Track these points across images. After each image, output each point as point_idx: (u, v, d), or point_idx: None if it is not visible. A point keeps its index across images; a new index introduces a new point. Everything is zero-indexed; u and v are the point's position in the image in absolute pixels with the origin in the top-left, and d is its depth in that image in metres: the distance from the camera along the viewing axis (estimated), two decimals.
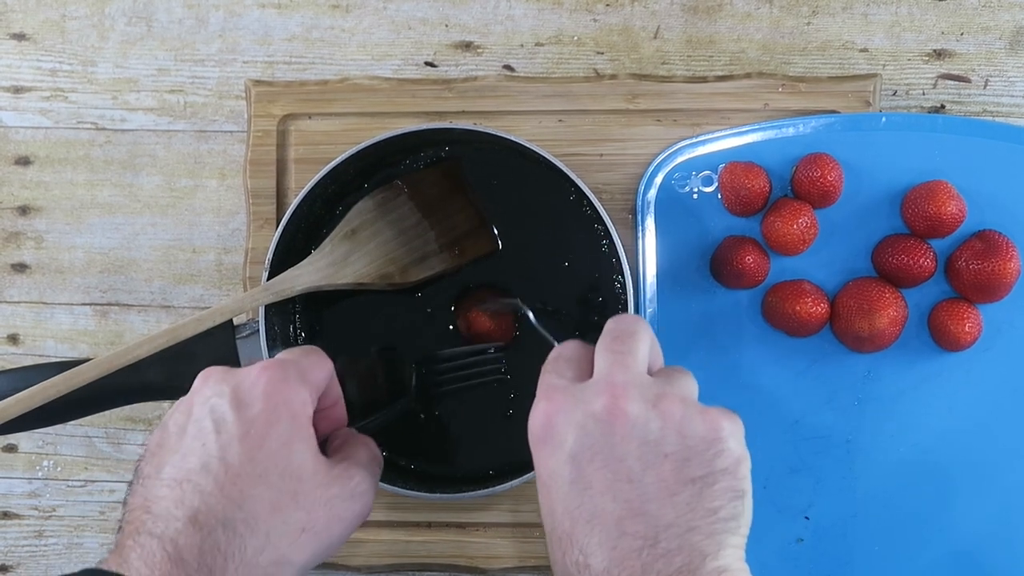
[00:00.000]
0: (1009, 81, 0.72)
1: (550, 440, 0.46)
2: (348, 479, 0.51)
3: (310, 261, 0.64)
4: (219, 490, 0.46)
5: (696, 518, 0.43)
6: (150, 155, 0.75)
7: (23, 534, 0.76)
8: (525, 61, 0.74)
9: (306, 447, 0.49)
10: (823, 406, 0.67)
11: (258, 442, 0.48)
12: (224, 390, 0.49)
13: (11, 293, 0.76)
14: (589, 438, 0.45)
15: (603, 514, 0.44)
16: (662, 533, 0.43)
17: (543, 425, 0.47)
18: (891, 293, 0.65)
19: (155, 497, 0.47)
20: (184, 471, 0.47)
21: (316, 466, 0.49)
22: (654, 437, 0.45)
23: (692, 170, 0.69)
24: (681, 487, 0.44)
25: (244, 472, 0.47)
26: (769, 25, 0.73)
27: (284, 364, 0.51)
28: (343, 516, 0.50)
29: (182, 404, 0.51)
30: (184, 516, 0.45)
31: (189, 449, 0.48)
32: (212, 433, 0.48)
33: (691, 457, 0.45)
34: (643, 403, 0.46)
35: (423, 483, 0.66)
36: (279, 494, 0.47)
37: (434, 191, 0.67)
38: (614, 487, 0.44)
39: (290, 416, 0.49)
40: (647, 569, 0.42)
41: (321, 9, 0.75)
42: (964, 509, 0.67)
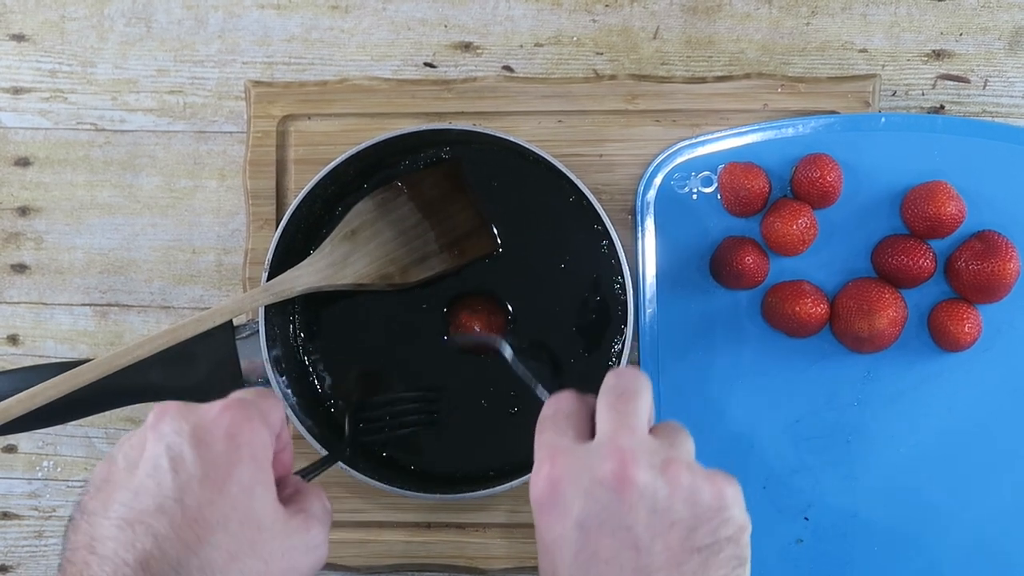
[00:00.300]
0: (1008, 81, 0.72)
1: (556, 506, 0.45)
2: (306, 531, 0.48)
3: (310, 262, 0.64)
4: (175, 534, 0.43)
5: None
6: (150, 156, 0.75)
7: (23, 534, 0.76)
8: (524, 62, 0.74)
9: (267, 493, 0.47)
10: (823, 406, 0.67)
11: (219, 485, 0.45)
12: (183, 427, 0.46)
13: (11, 294, 0.76)
14: (597, 505, 0.44)
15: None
16: None
17: (548, 490, 0.46)
18: (891, 294, 0.65)
19: (102, 537, 0.44)
20: (136, 511, 0.44)
21: (276, 515, 0.47)
22: (662, 506, 0.44)
23: (691, 171, 0.69)
24: (687, 556, 0.43)
25: (202, 517, 0.44)
26: (768, 25, 0.73)
27: (246, 404, 0.48)
28: (299, 568, 0.48)
29: (133, 438, 0.47)
30: (134, 560, 0.42)
31: (142, 487, 0.44)
32: (169, 472, 0.44)
33: (698, 526, 0.44)
34: (651, 470, 0.45)
35: (423, 483, 0.66)
36: (238, 542, 0.45)
37: (434, 192, 0.67)
38: (621, 556, 0.44)
39: (252, 459, 0.46)
40: None
41: (320, 10, 0.75)
42: (964, 509, 0.67)
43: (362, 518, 0.71)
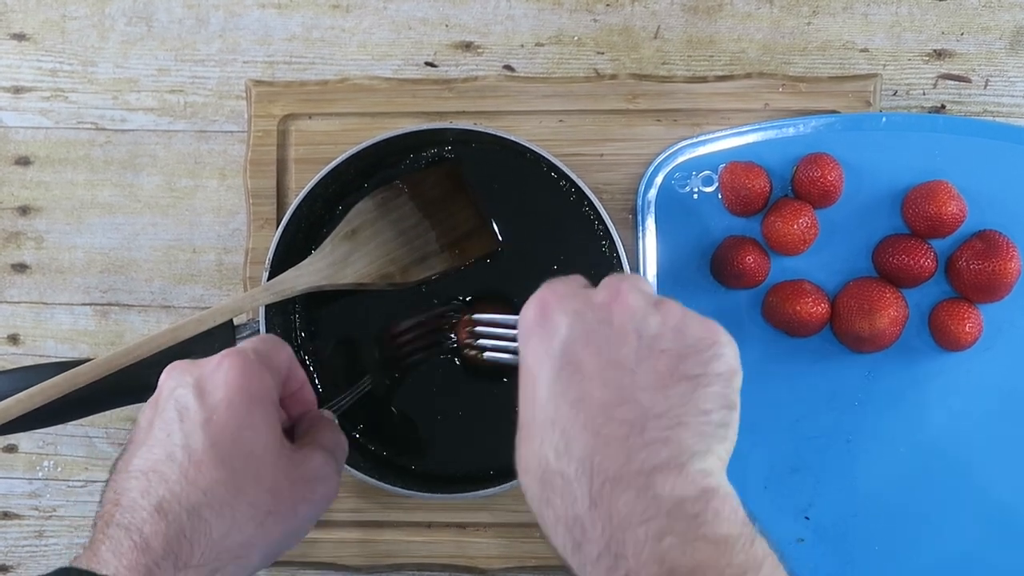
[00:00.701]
0: (1009, 81, 0.72)
1: (543, 326, 0.45)
2: (310, 460, 0.51)
3: (311, 261, 0.64)
4: (183, 477, 0.47)
5: (687, 414, 0.42)
6: (150, 155, 0.75)
7: (23, 534, 0.76)
8: (525, 61, 0.74)
9: (268, 430, 0.50)
10: (823, 406, 0.67)
11: (220, 428, 0.48)
12: (187, 380, 0.50)
13: (11, 293, 0.76)
14: (585, 324, 0.44)
15: (591, 398, 0.42)
16: (651, 423, 0.41)
17: (537, 313, 0.45)
18: (891, 293, 0.65)
19: (123, 489, 0.48)
20: (150, 462, 0.48)
21: (279, 449, 0.50)
22: (652, 332, 0.43)
23: (692, 170, 0.69)
24: (675, 382, 0.42)
25: (207, 458, 0.47)
26: (769, 25, 0.73)
27: (244, 351, 0.51)
28: (308, 498, 0.51)
29: (151, 400, 0.52)
30: (150, 505, 0.46)
31: (155, 440, 0.49)
32: (176, 422, 0.49)
33: (688, 355, 0.43)
34: (644, 300, 0.45)
35: (423, 483, 0.66)
36: (242, 478, 0.48)
37: (435, 191, 0.67)
38: (605, 372, 0.43)
39: (251, 400, 0.49)
40: (631, 457, 0.41)
41: (321, 9, 0.75)
42: (964, 509, 0.67)
43: (362, 518, 0.71)
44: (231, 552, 0.47)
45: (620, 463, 0.41)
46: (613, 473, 0.41)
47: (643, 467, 0.40)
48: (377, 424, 0.69)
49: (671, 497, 0.40)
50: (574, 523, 0.41)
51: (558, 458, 0.42)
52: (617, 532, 0.40)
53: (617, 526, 0.40)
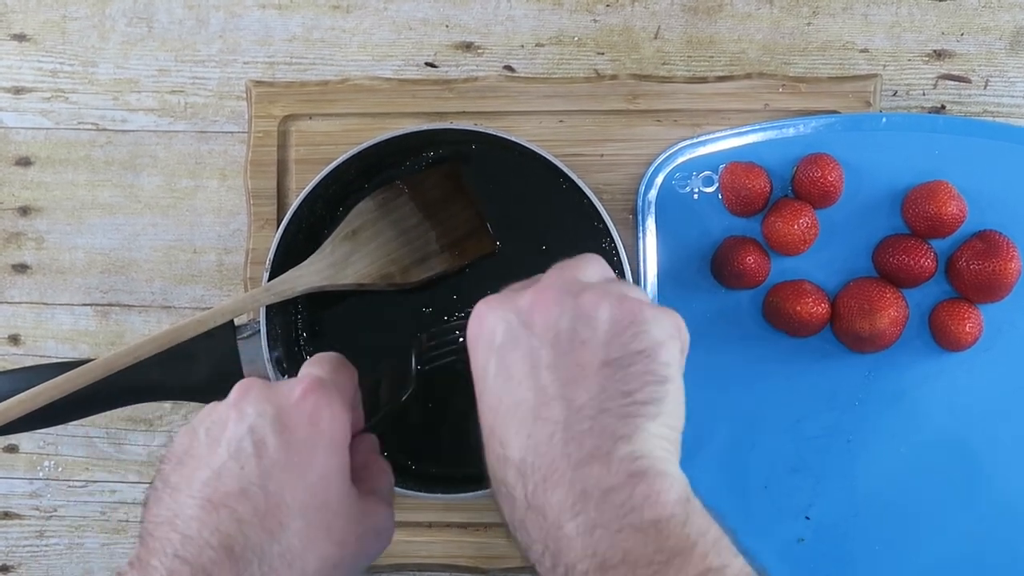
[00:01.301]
0: (1009, 81, 0.72)
1: (481, 337, 0.46)
2: (376, 515, 0.50)
3: (311, 261, 0.64)
4: (258, 520, 0.44)
5: (607, 399, 0.42)
6: (151, 156, 0.75)
7: (24, 534, 0.76)
8: (525, 61, 0.74)
9: (343, 480, 0.48)
10: (824, 406, 0.67)
11: (301, 472, 0.46)
12: (266, 410, 0.47)
13: (12, 293, 0.76)
14: (512, 331, 0.44)
15: (521, 403, 0.43)
16: (574, 416, 0.42)
17: (476, 325, 0.46)
18: (892, 293, 0.65)
19: (186, 516, 0.45)
20: (221, 493, 0.45)
21: (351, 501, 0.48)
22: (569, 325, 0.44)
23: (693, 170, 0.69)
24: (595, 370, 0.42)
25: (284, 503, 0.45)
26: (769, 25, 0.73)
27: (326, 386, 0.49)
28: (369, 552, 0.49)
29: (215, 412, 0.49)
30: (219, 544, 0.43)
31: (225, 469, 0.46)
32: (253, 457, 0.46)
33: (608, 341, 0.43)
34: (565, 295, 0.45)
35: (423, 483, 0.66)
36: (316, 529, 0.46)
37: (435, 192, 0.67)
38: (532, 375, 0.43)
39: (332, 444, 0.47)
40: (559, 454, 0.41)
41: (322, 10, 0.75)
42: (964, 509, 0.67)
43: None
44: None
45: (549, 462, 0.41)
46: (543, 473, 0.41)
47: (570, 462, 0.41)
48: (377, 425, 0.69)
49: (597, 488, 0.40)
50: (520, 527, 0.42)
51: (500, 466, 0.43)
52: (552, 530, 0.40)
53: (551, 524, 0.40)
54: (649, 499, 0.39)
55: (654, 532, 0.39)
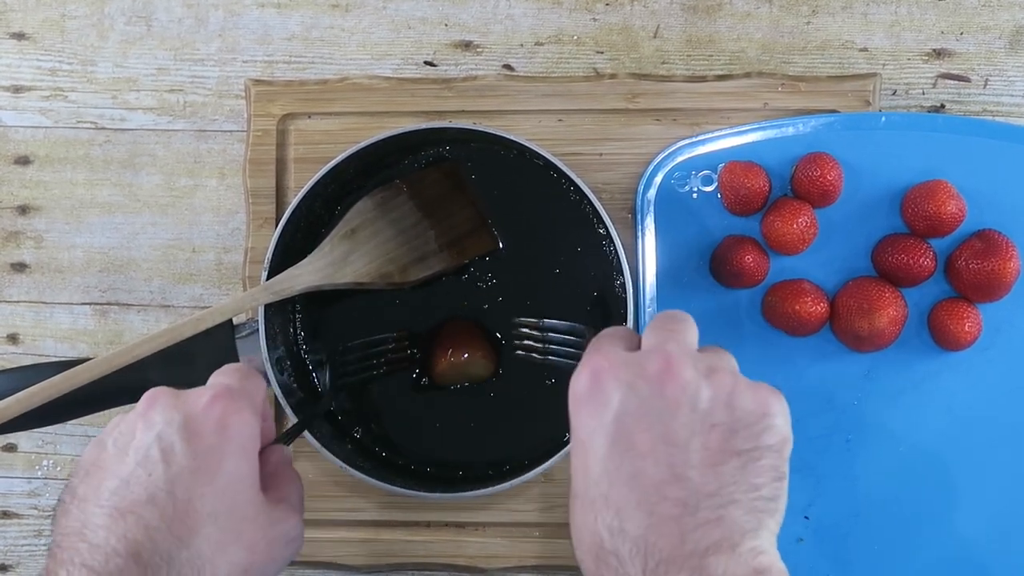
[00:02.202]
0: (1009, 80, 0.72)
1: (595, 398, 0.44)
2: (286, 523, 0.49)
3: (310, 261, 0.64)
4: (166, 526, 0.44)
5: (738, 492, 0.42)
6: (150, 154, 0.75)
7: (23, 533, 0.76)
8: (525, 60, 0.74)
9: (253, 485, 0.48)
10: (823, 405, 0.67)
11: (209, 478, 0.46)
12: (174, 417, 0.47)
13: (11, 292, 0.76)
14: (637, 399, 0.43)
15: (644, 477, 0.42)
16: (703, 502, 0.41)
17: (589, 382, 0.45)
18: (891, 292, 0.65)
19: (93, 525, 0.44)
20: (128, 501, 0.45)
21: (260, 506, 0.48)
22: (704, 406, 0.43)
23: (692, 169, 0.69)
24: (726, 458, 0.42)
25: (192, 509, 0.45)
26: (769, 24, 0.73)
27: (233, 392, 0.49)
28: (278, 558, 0.49)
29: (122, 424, 0.48)
30: (126, 551, 0.43)
31: (133, 477, 0.46)
32: (160, 463, 0.46)
33: (739, 430, 0.43)
34: (695, 372, 0.44)
35: (423, 483, 0.66)
36: (226, 534, 0.46)
37: (434, 191, 0.67)
38: (657, 450, 0.42)
39: (242, 449, 0.47)
40: (685, 538, 0.41)
41: (321, 8, 0.75)
42: (964, 509, 0.67)
43: (362, 517, 0.71)
44: None
45: (674, 544, 0.41)
46: (667, 554, 0.41)
47: (696, 548, 0.41)
48: (377, 424, 0.69)
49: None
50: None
51: (612, 537, 0.42)
52: None
53: None
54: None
55: None
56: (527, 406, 0.67)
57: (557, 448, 0.64)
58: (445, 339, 0.67)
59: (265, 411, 0.52)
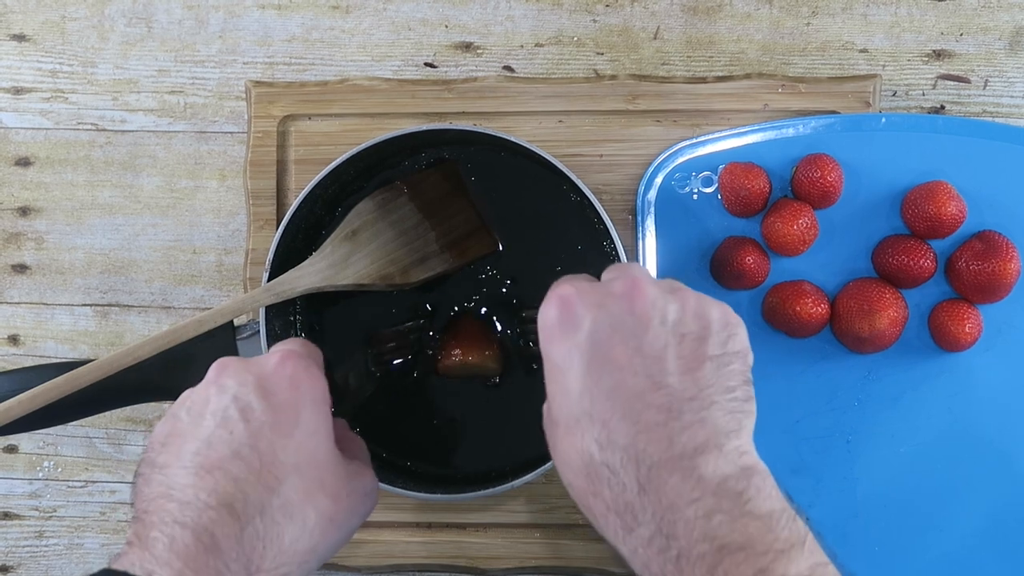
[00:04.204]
0: (1009, 81, 0.72)
1: (566, 322, 0.46)
2: (363, 476, 0.51)
3: (311, 262, 0.64)
4: (254, 477, 0.45)
5: (716, 394, 0.44)
6: (150, 156, 0.75)
7: (24, 535, 0.76)
8: (525, 62, 0.74)
9: (329, 438, 0.49)
10: (823, 406, 0.67)
11: (288, 430, 0.47)
12: (247, 379, 0.48)
13: (11, 294, 0.76)
14: (608, 316, 0.45)
15: (624, 387, 0.43)
16: (685, 406, 0.43)
17: (558, 309, 0.46)
18: (891, 294, 0.65)
19: (180, 485, 0.45)
20: (213, 459, 0.46)
21: (338, 459, 0.50)
22: (672, 318, 0.45)
23: (692, 171, 0.69)
24: (700, 364, 0.44)
25: (277, 460, 0.46)
26: (769, 25, 0.73)
27: (300, 354, 0.50)
28: (359, 511, 0.51)
29: (193, 393, 0.50)
30: (218, 503, 0.44)
31: (215, 436, 0.46)
32: (240, 422, 0.47)
33: (707, 337, 0.45)
34: (659, 289, 0.46)
35: (423, 483, 0.66)
36: (310, 482, 0.47)
37: (435, 192, 0.67)
38: (635, 362, 0.44)
39: (315, 403, 0.49)
40: (673, 441, 0.42)
41: (321, 10, 0.75)
42: (964, 509, 0.67)
43: None
44: (299, 557, 0.46)
45: (663, 448, 0.42)
46: (657, 458, 0.42)
47: (685, 450, 0.42)
48: (378, 425, 0.69)
49: (715, 476, 0.41)
50: (625, 510, 0.42)
51: (601, 450, 0.43)
52: (667, 514, 0.41)
53: (667, 508, 0.41)
54: (762, 492, 0.42)
55: (771, 522, 0.41)
56: (529, 407, 0.67)
57: None
58: (452, 335, 0.67)
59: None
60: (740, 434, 0.44)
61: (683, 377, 0.44)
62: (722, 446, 0.42)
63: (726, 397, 0.44)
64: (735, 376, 0.45)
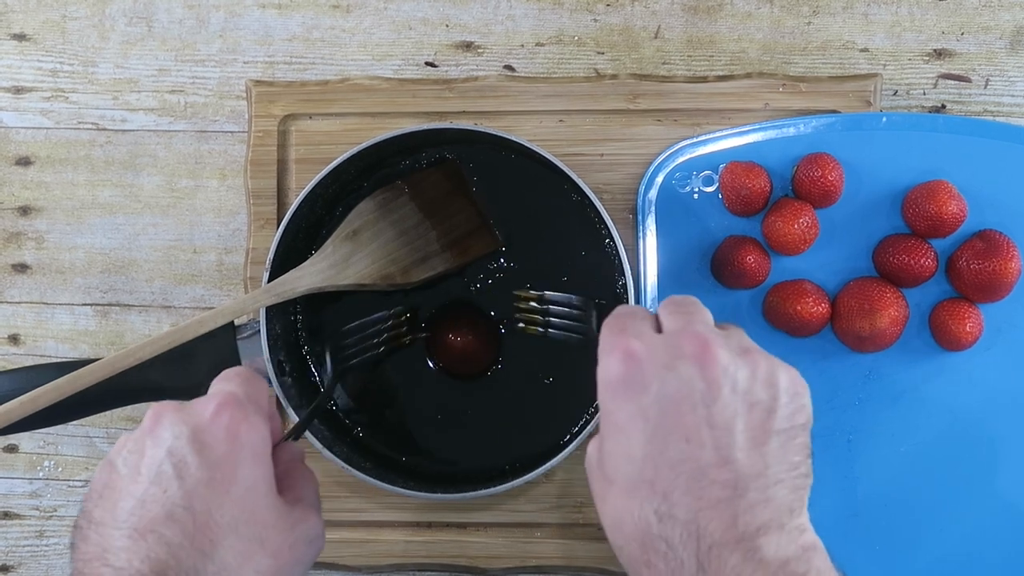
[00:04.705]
0: (1009, 81, 0.72)
1: (633, 381, 0.44)
2: (306, 522, 0.49)
3: (312, 262, 0.64)
4: (188, 541, 0.44)
5: (782, 471, 0.42)
6: (151, 155, 0.75)
7: (24, 534, 0.76)
8: (526, 61, 0.74)
9: (270, 490, 0.47)
10: (824, 406, 0.67)
11: (224, 488, 0.45)
12: (182, 431, 0.46)
13: (12, 293, 0.76)
14: (678, 381, 0.43)
15: (691, 460, 0.42)
16: (751, 483, 0.42)
17: (625, 366, 0.44)
18: (892, 293, 0.65)
19: (114, 548, 0.44)
20: (146, 520, 0.44)
21: (279, 511, 0.47)
22: (743, 387, 0.43)
23: (693, 170, 0.69)
24: (767, 438, 0.43)
25: (213, 522, 0.45)
26: (770, 25, 0.73)
27: (239, 399, 0.48)
28: (303, 560, 0.49)
29: (129, 442, 0.48)
30: (151, 571, 0.43)
31: (148, 495, 0.45)
32: (174, 479, 0.45)
33: (776, 409, 0.43)
34: (730, 352, 0.44)
35: (423, 483, 0.66)
36: (248, 543, 0.45)
37: (435, 191, 0.67)
38: (702, 433, 0.42)
39: (254, 456, 0.47)
40: (736, 520, 0.41)
41: (321, 9, 0.75)
42: (964, 508, 0.67)
43: (362, 518, 0.71)
44: None
45: (725, 527, 0.41)
46: (719, 537, 0.41)
47: (747, 530, 0.41)
48: (377, 424, 0.69)
49: (776, 559, 0.40)
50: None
51: (660, 522, 0.42)
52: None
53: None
54: (822, 572, 0.41)
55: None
56: (529, 406, 0.67)
57: (559, 448, 0.64)
58: (447, 327, 0.67)
59: (271, 412, 0.51)
60: (801, 511, 0.42)
61: (751, 452, 0.42)
62: (784, 525, 0.41)
63: (792, 474, 0.43)
64: (800, 451, 0.43)
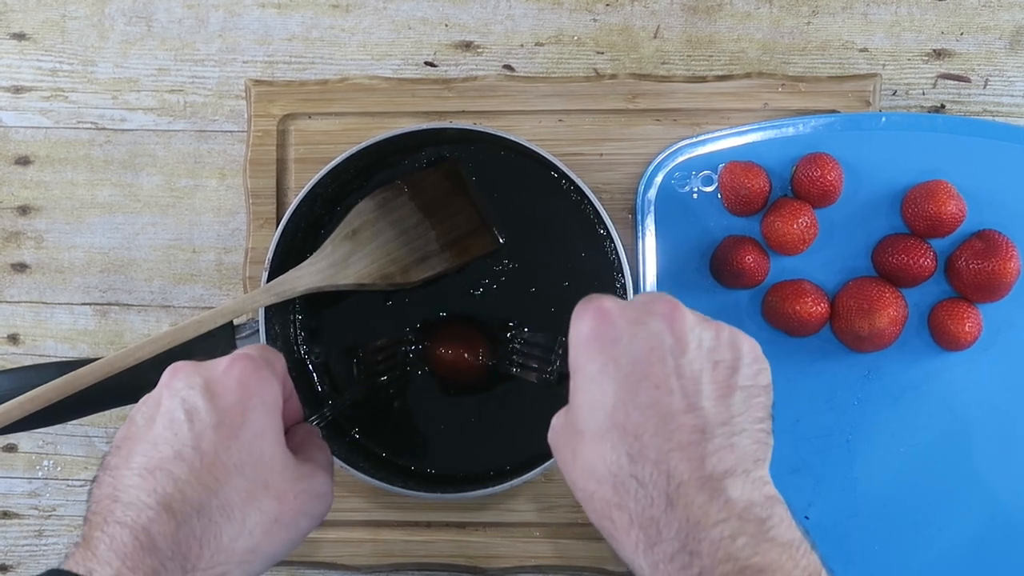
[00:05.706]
0: (1009, 81, 0.72)
1: (605, 334, 0.46)
2: (314, 478, 0.51)
3: (311, 262, 0.64)
4: (194, 478, 0.46)
5: (745, 422, 0.45)
6: (150, 155, 0.75)
7: (23, 534, 0.76)
8: (525, 61, 0.74)
9: (277, 439, 0.50)
10: (823, 406, 0.68)
11: (232, 431, 0.48)
12: (196, 381, 0.49)
13: (11, 293, 0.76)
14: (648, 334, 0.46)
15: (661, 405, 0.44)
16: (717, 429, 0.44)
17: (596, 322, 0.47)
18: (891, 293, 0.65)
19: (124, 486, 0.46)
20: (156, 460, 0.47)
21: (286, 460, 0.50)
22: (709, 344, 0.46)
23: (692, 170, 0.69)
24: (731, 391, 0.45)
25: (219, 461, 0.47)
26: (769, 25, 0.73)
27: (253, 357, 0.51)
28: (309, 512, 0.51)
29: (149, 398, 0.51)
30: (156, 503, 0.45)
31: (160, 438, 0.48)
32: (185, 423, 0.48)
33: (740, 368, 0.46)
34: (695, 316, 0.47)
35: (423, 483, 0.66)
36: (253, 484, 0.48)
37: (435, 191, 0.67)
38: (671, 381, 0.45)
39: (263, 405, 0.49)
40: (704, 462, 0.43)
41: (321, 9, 0.75)
42: (964, 508, 0.67)
43: (362, 517, 0.71)
44: (238, 557, 0.47)
45: (693, 467, 0.43)
46: (687, 476, 0.43)
47: (714, 472, 0.43)
48: (377, 424, 0.69)
49: (741, 500, 0.42)
50: (649, 524, 0.43)
51: (632, 462, 0.44)
52: (693, 531, 0.42)
53: (693, 525, 0.42)
54: (784, 521, 0.43)
55: (792, 550, 0.42)
56: (528, 406, 0.67)
57: None
58: (444, 335, 0.67)
59: (288, 386, 0.54)
60: (764, 464, 0.45)
61: (716, 402, 0.45)
62: (748, 472, 0.43)
63: (755, 427, 0.45)
64: (761, 409, 0.46)
